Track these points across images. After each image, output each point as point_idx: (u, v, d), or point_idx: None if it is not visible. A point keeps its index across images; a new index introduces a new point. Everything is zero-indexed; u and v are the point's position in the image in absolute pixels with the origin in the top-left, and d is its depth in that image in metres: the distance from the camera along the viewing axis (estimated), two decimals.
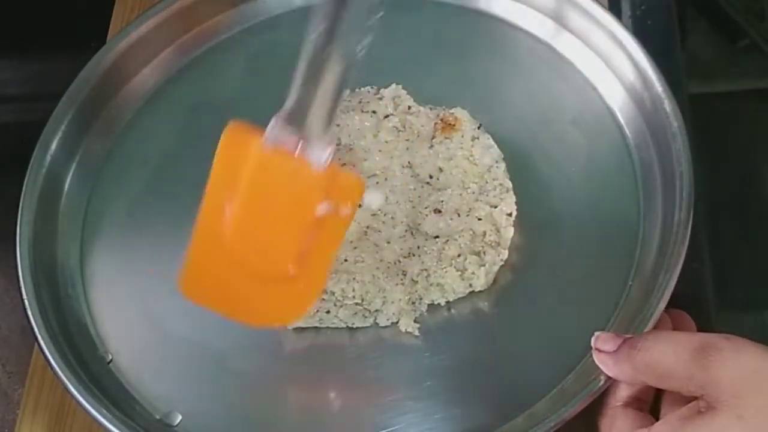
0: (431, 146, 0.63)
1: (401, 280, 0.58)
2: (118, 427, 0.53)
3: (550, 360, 0.55)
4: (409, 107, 0.64)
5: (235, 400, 0.57)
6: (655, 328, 0.52)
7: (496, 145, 0.62)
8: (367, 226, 0.60)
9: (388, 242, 0.59)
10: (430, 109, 0.64)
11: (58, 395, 0.61)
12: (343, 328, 0.58)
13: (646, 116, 0.61)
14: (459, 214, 0.60)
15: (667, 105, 0.59)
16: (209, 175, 0.51)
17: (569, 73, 0.66)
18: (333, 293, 0.58)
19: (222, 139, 0.50)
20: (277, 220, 0.51)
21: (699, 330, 0.54)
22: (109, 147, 0.67)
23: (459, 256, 0.58)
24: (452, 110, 0.64)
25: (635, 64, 0.62)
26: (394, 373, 0.56)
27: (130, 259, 0.62)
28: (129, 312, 0.60)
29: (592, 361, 0.50)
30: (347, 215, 0.50)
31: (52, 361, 0.55)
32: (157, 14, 0.68)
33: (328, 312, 0.58)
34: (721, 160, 0.74)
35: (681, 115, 0.59)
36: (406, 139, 0.63)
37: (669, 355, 0.46)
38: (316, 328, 0.58)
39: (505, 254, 0.59)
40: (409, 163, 0.62)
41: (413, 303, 0.58)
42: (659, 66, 0.61)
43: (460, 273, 0.58)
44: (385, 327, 0.58)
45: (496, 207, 0.60)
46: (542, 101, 0.65)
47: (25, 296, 0.58)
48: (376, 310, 0.58)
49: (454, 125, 0.63)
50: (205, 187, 0.52)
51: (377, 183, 0.62)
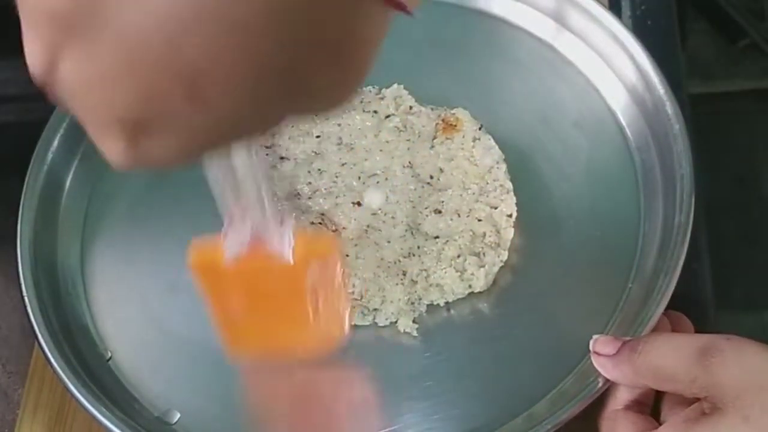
0: (432, 146, 0.63)
1: (401, 279, 0.58)
2: (116, 425, 0.53)
3: (550, 361, 0.55)
4: (411, 107, 0.64)
5: (234, 399, 0.56)
6: (654, 330, 0.52)
7: (497, 146, 0.62)
8: (368, 225, 0.60)
9: (389, 242, 0.59)
10: (432, 109, 0.64)
11: (58, 395, 0.61)
12: None
13: (648, 118, 0.61)
14: (459, 215, 0.60)
15: (669, 107, 0.59)
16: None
17: (571, 73, 0.66)
18: None
19: (192, 269, 0.50)
20: (280, 301, 0.51)
21: (698, 331, 0.54)
22: None
23: (459, 256, 0.58)
24: (453, 111, 0.64)
25: (637, 66, 0.62)
26: (393, 373, 0.56)
27: (131, 258, 0.62)
28: (129, 310, 0.60)
29: (592, 362, 0.50)
30: (334, 263, 0.51)
31: (52, 359, 0.55)
32: None
33: None
34: (721, 160, 0.74)
35: (683, 118, 0.59)
36: (407, 139, 0.63)
37: (670, 357, 0.46)
38: None
39: (505, 255, 0.59)
40: (409, 163, 0.62)
41: (412, 303, 0.58)
42: (659, 66, 0.61)
43: (459, 274, 0.58)
44: (384, 327, 0.58)
45: (496, 208, 0.60)
46: (543, 102, 0.65)
47: (25, 293, 0.58)
48: (375, 309, 0.58)
49: (456, 126, 0.63)
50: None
51: (378, 183, 0.62)
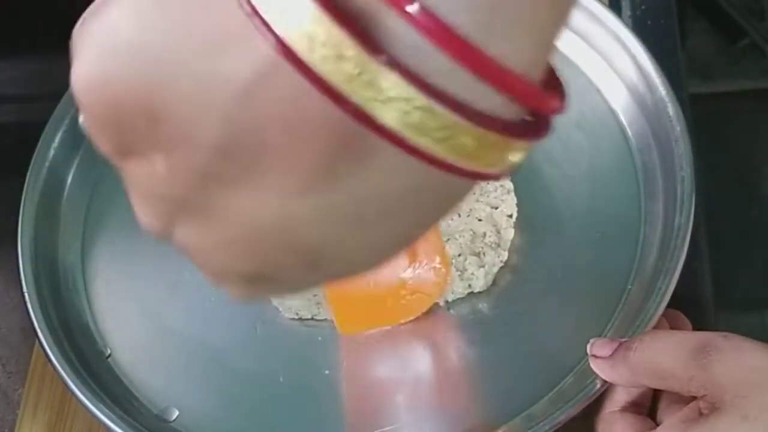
0: None
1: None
2: (115, 423, 0.53)
3: (549, 361, 0.55)
4: None
5: (233, 397, 0.57)
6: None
7: None
8: None
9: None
10: None
11: (58, 395, 0.61)
12: None
13: (649, 119, 0.61)
14: (459, 215, 0.60)
15: (671, 108, 0.59)
16: None
17: (572, 74, 0.65)
18: None
19: None
20: None
21: (696, 330, 0.54)
22: None
23: (459, 255, 0.58)
24: None
25: (638, 66, 0.62)
26: (393, 371, 0.56)
27: (131, 256, 0.62)
28: (129, 308, 0.60)
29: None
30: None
31: (51, 356, 0.55)
32: None
33: None
34: (721, 160, 0.74)
35: (684, 119, 0.59)
36: None
37: (667, 355, 0.46)
38: (316, 322, 0.58)
39: (505, 256, 0.59)
40: None
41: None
42: (659, 66, 0.61)
43: (459, 273, 0.58)
44: None
45: (496, 208, 0.60)
46: None
47: (25, 290, 0.58)
48: None
49: None
50: None
51: None
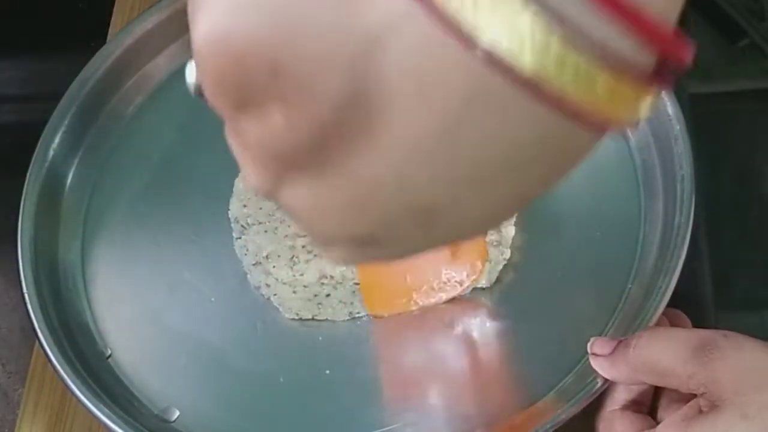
0: None
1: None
2: (115, 423, 0.53)
3: (549, 361, 0.55)
4: None
5: (233, 397, 0.57)
6: None
7: None
8: None
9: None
10: None
11: (58, 395, 0.61)
12: (342, 324, 0.58)
13: (649, 118, 0.61)
14: None
15: (670, 108, 0.59)
16: None
17: None
18: (332, 277, 0.58)
19: None
20: None
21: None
22: (112, 143, 0.67)
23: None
24: None
25: None
26: (394, 371, 0.56)
27: (131, 256, 0.62)
28: (129, 308, 0.60)
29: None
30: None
31: (51, 356, 0.55)
32: (162, 9, 0.67)
33: (328, 295, 0.58)
34: (721, 160, 0.73)
35: (683, 119, 0.59)
36: None
37: (667, 352, 0.46)
38: (316, 322, 0.58)
39: (508, 253, 0.59)
40: None
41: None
42: None
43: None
44: (386, 319, 0.58)
45: None
46: None
47: (25, 291, 0.58)
48: None
49: None
50: None
51: None
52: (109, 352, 0.58)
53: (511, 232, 0.59)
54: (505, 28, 0.22)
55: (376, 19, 0.23)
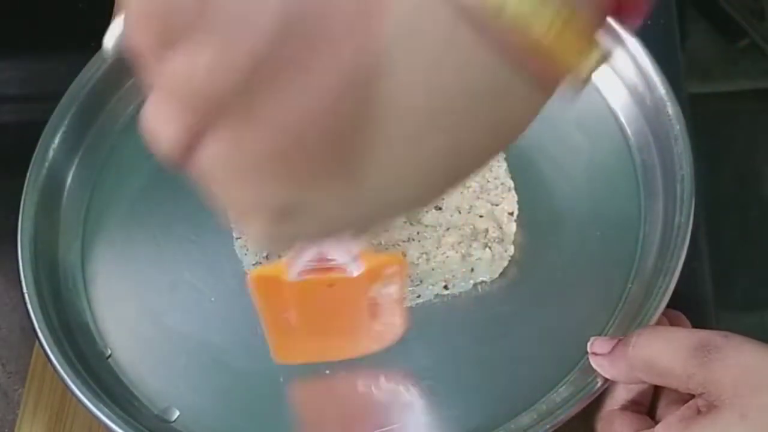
0: None
1: None
2: (115, 423, 0.53)
3: (550, 361, 0.55)
4: None
5: (233, 397, 0.57)
6: None
7: None
8: None
9: (386, 230, 0.60)
10: None
11: (58, 395, 0.61)
12: None
13: (649, 118, 0.61)
14: (460, 212, 0.60)
15: (670, 108, 0.59)
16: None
17: None
18: None
19: (251, 280, 0.50)
20: (336, 314, 0.52)
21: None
22: (111, 143, 0.67)
23: (460, 243, 0.58)
24: None
25: (638, 66, 0.62)
26: (394, 370, 0.56)
27: (131, 256, 0.62)
28: (129, 308, 0.60)
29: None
30: (399, 281, 0.50)
31: (51, 356, 0.55)
32: None
33: None
34: (721, 160, 0.74)
35: (683, 119, 0.59)
36: None
37: (666, 352, 0.46)
38: None
39: (512, 249, 0.59)
40: None
41: (415, 285, 0.58)
42: (659, 66, 0.61)
43: (461, 255, 0.58)
44: None
45: (497, 205, 0.60)
46: None
47: (25, 290, 0.58)
48: None
49: None
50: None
51: None
52: (109, 352, 0.58)
53: (513, 228, 0.60)
54: None
55: None
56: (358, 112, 0.24)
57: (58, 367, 0.55)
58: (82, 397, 0.54)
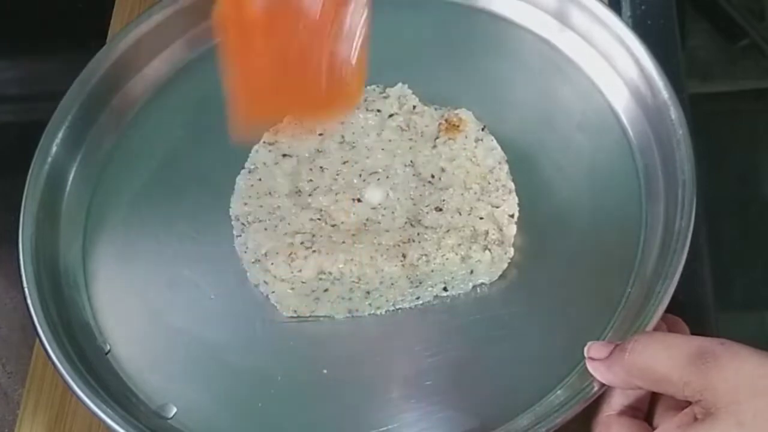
0: (434, 146, 0.63)
1: (401, 261, 0.58)
2: (112, 418, 0.53)
3: (548, 363, 0.55)
4: (414, 107, 0.64)
5: (231, 394, 0.57)
6: None
7: (499, 147, 0.62)
8: (367, 219, 0.61)
9: (387, 231, 0.60)
10: (435, 109, 0.65)
11: (58, 395, 0.61)
12: (341, 323, 0.58)
13: (651, 120, 0.61)
14: (460, 213, 0.60)
15: (673, 111, 0.59)
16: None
17: (574, 74, 0.66)
18: (330, 273, 0.58)
19: (217, 21, 0.52)
20: (299, 59, 0.53)
21: (696, 333, 0.53)
22: (114, 141, 0.67)
23: (460, 245, 0.58)
24: (457, 111, 0.64)
25: (641, 68, 0.62)
26: (393, 371, 0.56)
27: (132, 254, 0.62)
28: (129, 305, 0.60)
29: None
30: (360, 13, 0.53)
31: (51, 353, 0.55)
32: (162, 10, 0.67)
33: (326, 290, 0.58)
34: (721, 160, 0.74)
35: (686, 123, 0.58)
36: (410, 139, 0.63)
37: (663, 358, 0.46)
38: (315, 320, 0.58)
39: (512, 252, 0.59)
40: (411, 162, 0.63)
41: (414, 286, 0.58)
42: (660, 66, 0.61)
43: (461, 258, 0.58)
44: (385, 318, 0.58)
45: (498, 207, 0.60)
46: (546, 103, 0.65)
47: (26, 287, 0.58)
48: (375, 289, 0.58)
49: (458, 126, 0.63)
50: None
51: (378, 180, 0.62)
52: (108, 348, 0.59)
53: (513, 230, 0.60)
54: None
55: None
56: None
57: (58, 365, 0.55)
58: (81, 393, 0.54)
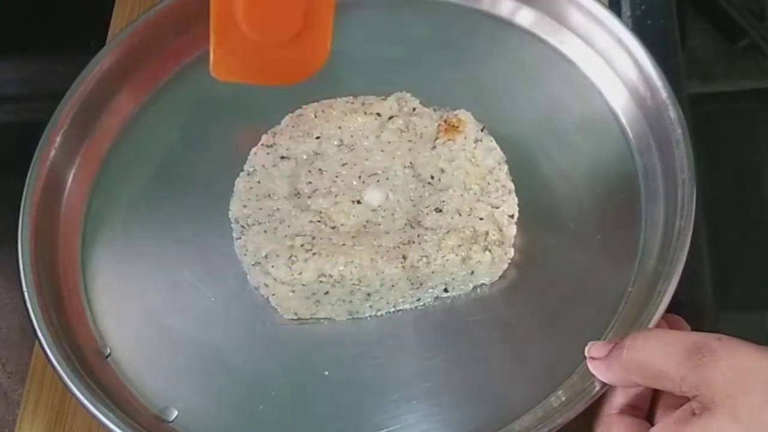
0: (434, 147, 0.63)
1: (401, 263, 0.58)
2: (113, 422, 0.53)
3: (549, 364, 0.55)
4: (414, 108, 0.64)
5: (232, 397, 0.57)
6: None
7: (498, 148, 0.62)
8: (367, 221, 0.61)
9: (387, 233, 0.60)
10: (434, 110, 0.64)
11: (58, 395, 0.61)
12: (341, 325, 0.58)
13: (650, 121, 0.61)
14: (460, 214, 0.60)
15: (672, 111, 0.59)
16: None
17: (573, 75, 0.66)
18: (331, 276, 0.58)
19: None
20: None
21: (695, 331, 0.54)
22: (112, 143, 0.67)
23: (460, 246, 0.58)
24: (456, 112, 0.64)
25: (639, 69, 0.62)
26: (393, 373, 0.56)
27: (131, 256, 0.62)
28: (129, 307, 0.60)
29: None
30: None
31: (51, 355, 0.55)
32: (162, 9, 0.67)
33: (327, 293, 0.58)
34: (721, 160, 0.74)
35: (686, 123, 0.58)
36: (409, 140, 0.63)
37: (660, 354, 0.46)
38: (315, 323, 0.58)
39: (512, 252, 0.59)
40: (410, 163, 0.63)
41: (415, 288, 0.58)
42: (659, 66, 0.61)
43: (461, 259, 0.58)
44: (386, 320, 0.58)
45: (497, 208, 0.60)
46: (546, 103, 0.65)
47: (25, 290, 0.58)
48: (376, 291, 0.58)
49: (458, 127, 0.63)
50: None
51: (378, 182, 0.62)
52: (109, 351, 0.58)
53: (513, 231, 0.60)
54: None
55: None
56: None
57: (58, 367, 0.55)
58: (81, 397, 0.54)
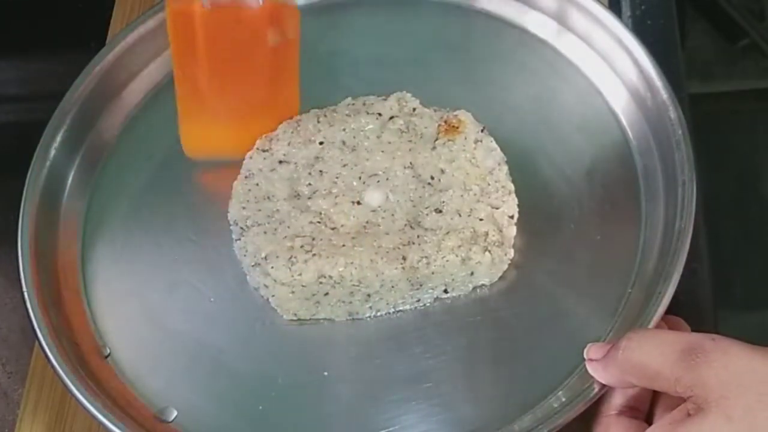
0: (434, 148, 0.63)
1: (401, 264, 0.58)
2: (113, 422, 0.53)
3: (549, 364, 0.55)
4: (414, 109, 0.64)
5: (231, 397, 0.57)
6: None
7: (498, 148, 0.62)
8: (367, 221, 0.60)
9: (387, 234, 0.60)
10: (434, 111, 0.64)
11: (58, 395, 0.61)
12: (341, 326, 0.58)
13: (650, 122, 0.61)
14: (460, 215, 0.60)
15: (672, 112, 0.59)
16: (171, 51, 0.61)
17: (573, 75, 0.66)
18: (331, 277, 0.58)
19: (168, 18, 0.60)
20: (240, 61, 0.61)
21: (695, 331, 0.54)
22: (113, 143, 0.67)
23: (460, 247, 0.58)
24: (456, 112, 0.64)
25: (640, 69, 0.62)
26: (393, 373, 0.56)
27: (131, 256, 0.62)
28: (128, 308, 0.60)
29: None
30: (294, 38, 0.62)
31: (50, 356, 0.55)
32: (162, 10, 0.67)
33: (327, 294, 0.58)
34: (721, 160, 0.74)
35: (686, 123, 0.58)
36: (409, 141, 0.63)
37: (655, 355, 0.46)
38: (315, 323, 0.58)
39: (512, 253, 0.59)
40: (411, 163, 0.62)
41: (414, 289, 0.58)
42: (659, 66, 0.61)
43: (461, 260, 0.58)
44: (386, 320, 0.58)
45: (497, 209, 0.60)
46: (546, 104, 0.65)
47: (25, 290, 0.58)
48: (376, 292, 0.58)
49: (458, 128, 0.63)
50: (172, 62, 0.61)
51: (378, 182, 0.62)
52: (108, 351, 0.59)
53: (513, 231, 0.59)
54: None
55: None
56: None
57: (57, 367, 0.55)
58: (81, 397, 0.54)
